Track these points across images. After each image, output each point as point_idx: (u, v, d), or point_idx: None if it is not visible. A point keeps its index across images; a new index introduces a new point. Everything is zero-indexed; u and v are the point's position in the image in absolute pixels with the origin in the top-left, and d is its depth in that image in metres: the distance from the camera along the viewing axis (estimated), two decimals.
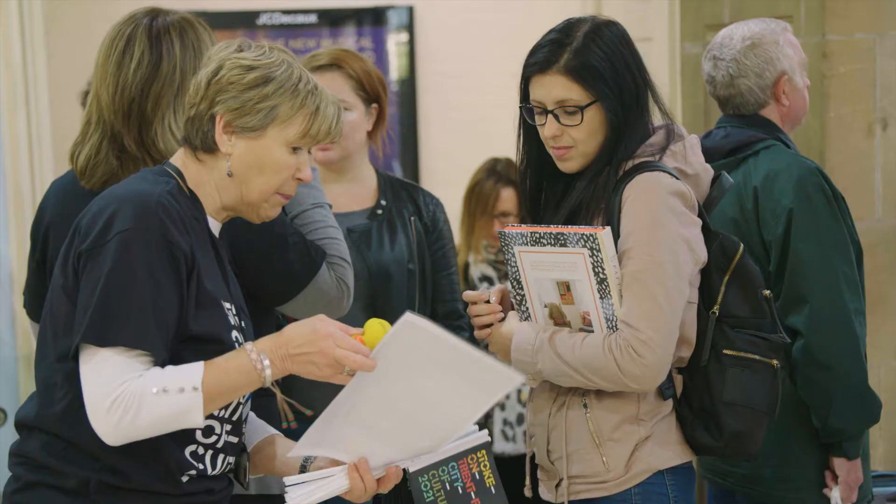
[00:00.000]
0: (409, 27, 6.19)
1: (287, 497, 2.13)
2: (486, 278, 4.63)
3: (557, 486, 2.47)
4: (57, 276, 2.12)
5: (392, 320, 3.04)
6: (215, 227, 2.22)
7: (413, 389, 2.08)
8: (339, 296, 2.54)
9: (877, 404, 2.95)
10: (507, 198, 4.72)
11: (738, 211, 3.01)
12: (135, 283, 2.01)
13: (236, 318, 2.19)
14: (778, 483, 3.00)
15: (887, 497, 3.28)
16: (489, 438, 2.24)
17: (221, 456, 2.17)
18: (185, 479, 2.12)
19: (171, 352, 2.06)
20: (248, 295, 2.36)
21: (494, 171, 4.79)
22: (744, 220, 3.00)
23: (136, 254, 2.02)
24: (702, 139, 3.10)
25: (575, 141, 2.44)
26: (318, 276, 2.50)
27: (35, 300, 2.70)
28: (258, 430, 2.31)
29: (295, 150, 2.16)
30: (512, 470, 3.55)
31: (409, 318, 2.00)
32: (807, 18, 3.96)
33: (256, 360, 2.04)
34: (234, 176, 2.15)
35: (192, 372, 2.02)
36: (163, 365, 2.04)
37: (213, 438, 2.15)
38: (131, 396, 1.98)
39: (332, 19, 6.15)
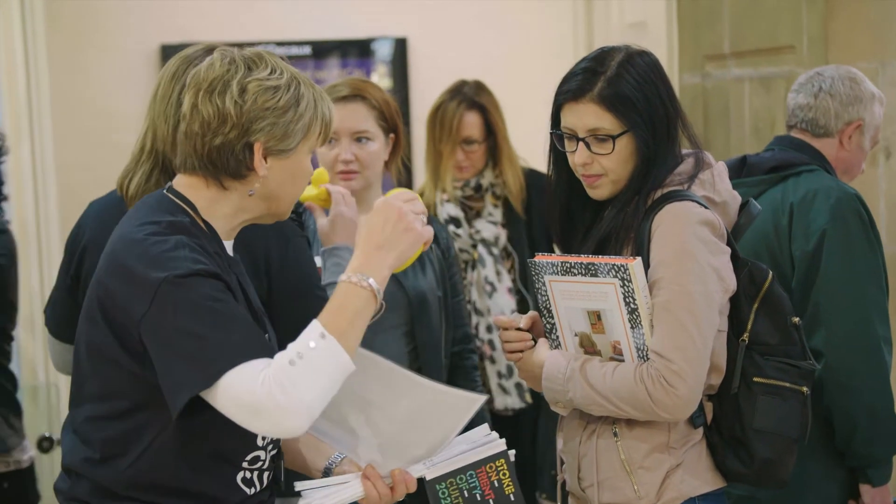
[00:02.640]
0: (403, 58, 6.23)
1: (301, 502, 2.17)
2: (453, 220, 4.20)
3: None
4: (92, 329, 2.10)
5: (427, 347, 3.09)
6: (228, 247, 2.22)
7: (387, 414, 2.16)
8: None
9: None
10: (472, 122, 4.17)
11: (773, 226, 3.03)
12: (207, 312, 2.00)
13: (266, 336, 2.20)
14: None
15: None
16: (506, 447, 2.27)
17: (266, 472, 2.21)
18: None
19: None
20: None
21: (460, 92, 4.24)
22: (776, 236, 3.02)
23: (189, 290, 2.01)
24: (749, 158, 3.15)
25: (605, 169, 2.46)
26: None
27: (61, 317, 2.73)
28: None
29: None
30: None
31: (361, 352, 2.07)
32: (809, 48, 4.01)
33: (357, 281, 2.04)
34: (267, 196, 2.15)
35: (311, 328, 2.02)
36: (274, 353, 2.03)
37: (259, 463, 2.19)
38: (275, 378, 1.95)
39: (323, 51, 6.18)
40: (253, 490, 2.17)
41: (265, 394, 1.94)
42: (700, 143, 2.53)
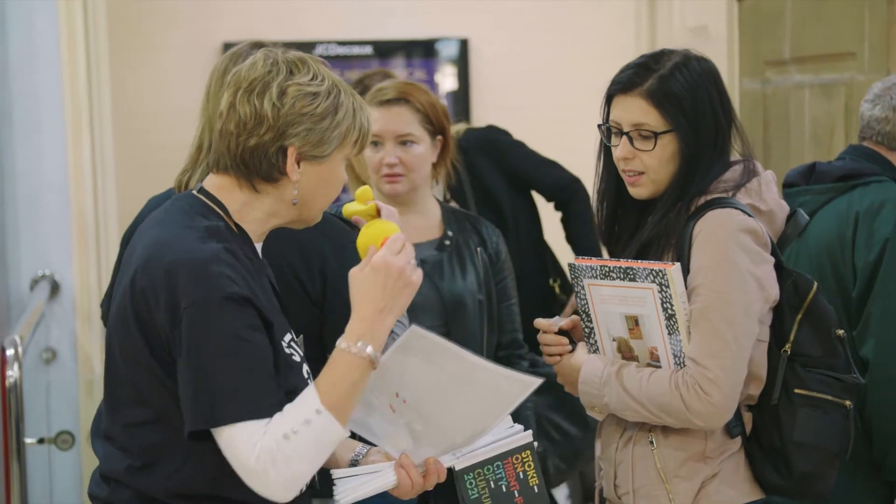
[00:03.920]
0: (464, 59, 6.23)
1: (335, 490, 2.18)
2: None
3: None
4: (125, 333, 2.09)
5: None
6: (258, 249, 2.21)
7: (435, 397, 2.16)
8: None
9: None
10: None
11: (837, 236, 3.00)
12: (228, 352, 2.00)
13: (295, 345, 2.19)
14: None
15: None
16: (532, 439, 2.29)
17: None
18: None
19: None
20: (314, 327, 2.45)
21: (360, 83, 3.94)
22: (840, 246, 2.99)
23: (217, 319, 2.00)
24: (819, 166, 3.11)
25: (646, 167, 2.44)
26: None
27: None
28: None
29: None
30: None
31: (416, 329, 2.09)
32: (870, 55, 3.95)
33: (357, 352, 2.05)
34: (299, 200, 2.14)
35: (308, 399, 2.03)
36: (281, 405, 2.04)
37: None
38: (269, 452, 1.99)
39: (384, 51, 6.19)
40: None
41: (259, 465, 1.99)
42: (753, 154, 2.50)
